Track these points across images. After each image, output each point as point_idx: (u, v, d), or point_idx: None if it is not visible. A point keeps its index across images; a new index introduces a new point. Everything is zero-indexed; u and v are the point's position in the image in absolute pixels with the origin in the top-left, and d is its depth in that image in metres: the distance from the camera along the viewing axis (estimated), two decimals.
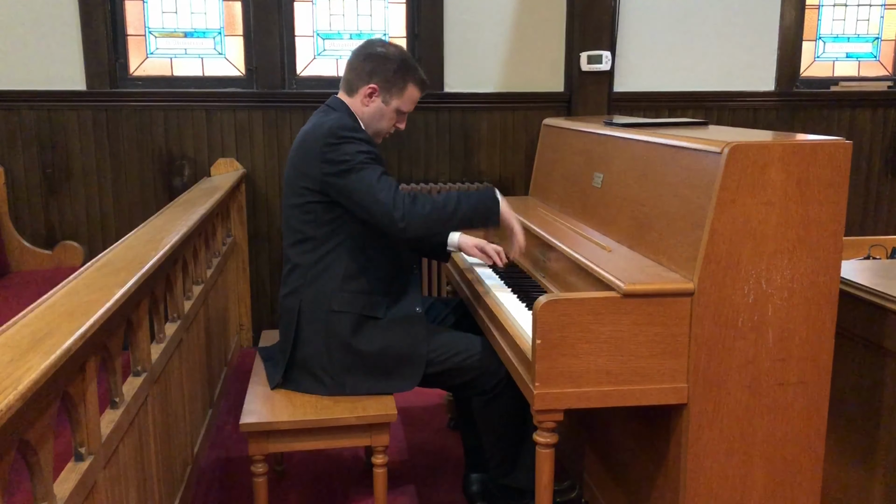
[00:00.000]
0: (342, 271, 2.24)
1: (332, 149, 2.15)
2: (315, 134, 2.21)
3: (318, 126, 2.22)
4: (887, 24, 4.56)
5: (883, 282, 1.97)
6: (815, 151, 1.71)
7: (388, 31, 4.10)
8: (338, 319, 2.23)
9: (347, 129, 2.18)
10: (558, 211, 2.65)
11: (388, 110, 2.31)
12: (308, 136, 2.24)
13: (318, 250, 2.24)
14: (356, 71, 2.30)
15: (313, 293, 2.25)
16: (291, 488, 2.69)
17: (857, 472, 2.02)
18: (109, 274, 1.81)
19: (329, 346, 2.23)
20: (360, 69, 2.29)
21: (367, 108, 2.30)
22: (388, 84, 2.28)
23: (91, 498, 1.49)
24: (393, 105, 2.31)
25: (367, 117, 2.31)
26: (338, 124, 2.19)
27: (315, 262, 2.25)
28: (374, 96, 2.29)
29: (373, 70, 2.27)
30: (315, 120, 2.29)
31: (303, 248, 2.26)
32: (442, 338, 2.27)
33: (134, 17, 3.90)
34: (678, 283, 1.73)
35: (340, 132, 2.16)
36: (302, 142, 2.25)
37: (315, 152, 2.17)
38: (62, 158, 3.83)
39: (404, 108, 2.34)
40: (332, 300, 2.24)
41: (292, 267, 2.30)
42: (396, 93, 2.30)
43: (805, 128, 4.42)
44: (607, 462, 2.30)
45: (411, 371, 2.23)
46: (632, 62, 4.21)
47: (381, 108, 2.30)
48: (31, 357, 1.24)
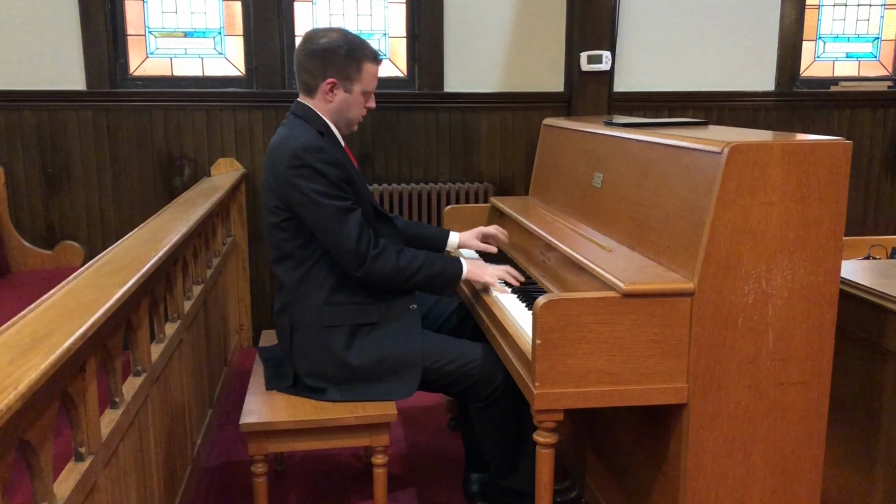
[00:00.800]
0: (328, 284, 2.21)
1: (296, 173, 2.11)
2: (280, 153, 2.15)
3: (283, 145, 2.16)
4: (887, 24, 4.56)
5: (883, 282, 1.97)
6: (815, 151, 1.71)
7: (388, 31, 4.10)
8: (330, 334, 2.20)
9: (312, 153, 2.12)
10: (558, 211, 2.64)
11: (354, 97, 2.26)
12: (275, 152, 2.18)
13: (301, 267, 2.22)
14: (308, 71, 2.24)
15: (302, 310, 2.23)
16: (291, 488, 2.69)
17: (857, 472, 2.02)
18: (109, 274, 1.81)
19: (324, 362, 2.21)
20: (311, 67, 2.23)
21: (331, 104, 2.25)
22: (343, 72, 2.22)
23: (91, 498, 1.49)
24: (356, 90, 2.25)
25: (335, 112, 2.26)
26: (303, 145, 2.12)
27: (300, 279, 2.22)
28: (335, 90, 2.23)
29: (323, 64, 2.21)
30: (282, 134, 2.22)
31: (286, 265, 2.24)
32: (438, 345, 2.25)
33: (134, 16, 3.90)
34: (678, 283, 1.73)
35: (305, 157, 2.11)
36: (270, 159, 2.21)
37: (280, 174, 2.14)
38: (62, 158, 3.83)
39: (369, 87, 2.28)
40: (321, 315, 2.21)
41: (280, 283, 2.28)
42: (355, 77, 2.24)
43: (805, 128, 4.42)
44: (607, 462, 2.30)
45: (408, 379, 2.21)
46: (632, 62, 4.21)
47: (345, 98, 2.25)
48: (31, 357, 1.24)
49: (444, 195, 4.02)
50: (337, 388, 2.21)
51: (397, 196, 3.98)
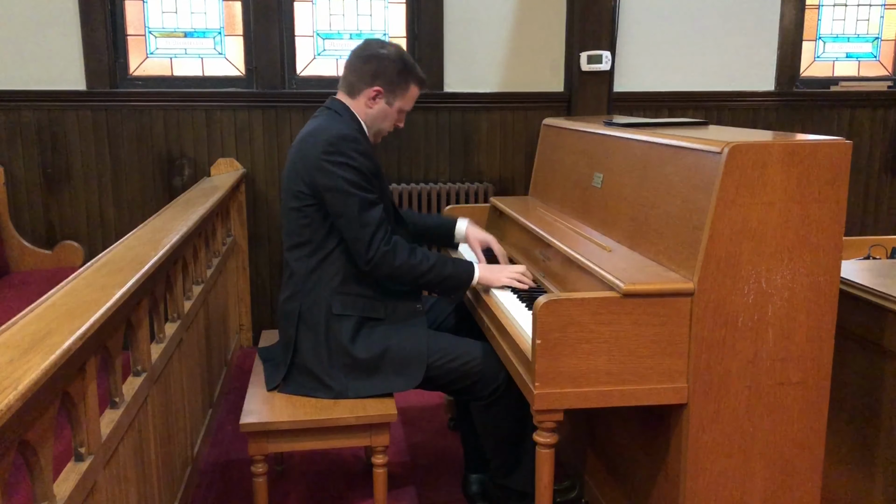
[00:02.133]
0: (341, 275, 2.24)
1: (329, 159, 2.15)
2: (315, 139, 2.19)
3: (320, 131, 2.21)
4: (887, 24, 4.56)
5: (883, 282, 1.97)
6: (815, 151, 1.71)
7: (388, 31, 4.10)
8: (338, 323, 2.23)
9: (349, 142, 2.17)
10: (558, 211, 2.64)
11: (392, 111, 2.33)
12: (308, 139, 2.22)
13: (315, 255, 2.24)
14: (358, 73, 2.29)
15: (312, 298, 2.25)
16: (291, 488, 2.69)
17: (857, 472, 2.02)
18: (109, 274, 1.81)
19: (330, 350, 2.23)
20: (363, 71, 2.28)
21: (370, 111, 2.30)
22: (391, 86, 2.29)
23: (91, 498, 1.49)
24: (396, 106, 2.32)
25: (371, 119, 2.32)
26: (339, 135, 2.18)
27: (314, 267, 2.25)
28: (377, 98, 2.29)
29: (376, 72, 2.27)
30: (317, 123, 2.27)
31: (300, 252, 2.26)
32: (441, 342, 2.27)
33: (134, 17, 3.90)
34: (678, 283, 1.73)
35: (341, 144, 2.16)
36: (302, 145, 2.24)
37: (313, 158, 2.17)
38: (62, 158, 3.83)
39: (406, 107, 2.35)
40: (331, 304, 2.23)
41: (291, 272, 2.30)
42: (400, 93, 2.31)
43: (805, 128, 4.42)
44: (607, 462, 2.30)
45: (412, 371, 2.22)
46: (632, 62, 4.21)
47: (384, 109, 2.31)
48: (31, 357, 1.24)
49: (444, 195, 4.02)
50: (342, 379, 2.22)
51: (397, 196, 3.98)
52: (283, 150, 3.96)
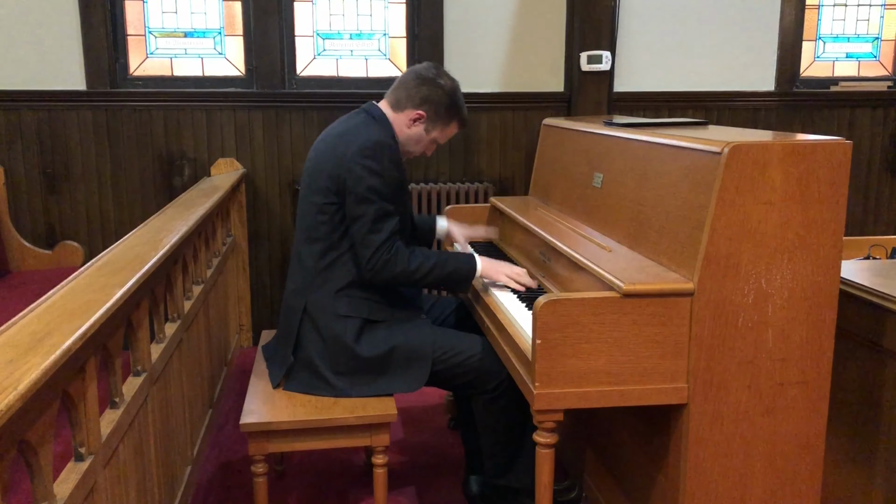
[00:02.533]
0: (349, 277, 2.25)
1: (362, 163, 2.16)
2: (352, 140, 2.20)
3: (358, 133, 2.22)
4: (887, 24, 4.56)
5: (883, 282, 1.97)
6: (815, 151, 1.71)
7: (388, 31, 4.10)
8: (342, 323, 2.23)
9: (385, 150, 2.19)
10: (558, 211, 2.64)
11: (427, 138, 2.36)
12: (345, 137, 2.23)
13: (328, 254, 2.25)
14: (409, 91, 2.31)
15: (319, 295, 2.25)
16: (291, 488, 2.69)
17: (857, 472, 2.02)
18: (109, 274, 1.81)
19: (333, 349, 2.23)
20: (414, 91, 2.30)
21: (408, 131, 2.33)
22: (435, 116, 2.32)
23: (91, 498, 1.49)
24: (432, 135, 2.36)
25: (405, 138, 2.34)
26: (378, 140, 2.19)
27: (325, 266, 2.25)
28: (418, 122, 2.32)
29: (426, 97, 2.30)
30: (354, 124, 2.28)
31: (314, 248, 2.27)
32: (444, 338, 2.27)
33: (134, 17, 3.90)
34: (678, 283, 1.73)
35: (378, 151, 2.17)
36: (336, 142, 2.25)
37: (347, 158, 2.18)
38: (62, 158, 3.83)
39: (441, 140, 2.39)
40: (337, 304, 2.24)
41: (301, 265, 2.30)
42: (440, 126, 2.35)
43: (805, 128, 4.42)
44: (607, 462, 2.30)
45: (418, 371, 2.23)
46: (632, 62, 4.21)
47: (421, 134, 2.34)
48: (31, 357, 1.24)
49: (444, 195, 4.02)
50: (346, 378, 2.22)
51: None
52: (284, 150, 3.96)
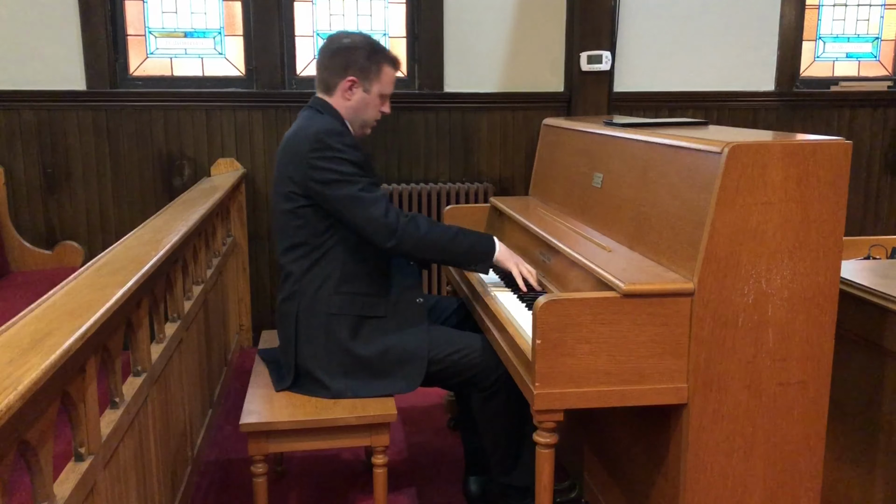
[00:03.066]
0: (337, 274, 2.24)
1: (318, 155, 2.15)
2: (301, 137, 2.20)
3: (305, 129, 2.21)
4: (887, 24, 4.56)
5: (883, 282, 1.97)
6: (815, 151, 1.71)
7: (388, 31, 4.10)
8: (337, 323, 2.23)
9: (334, 136, 2.17)
10: (558, 211, 2.64)
11: (372, 98, 2.32)
12: (294, 139, 2.23)
13: (310, 255, 2.24)
14: (329, 69, 2.29)
15: (309, 298, 2.24)
16: (291, 488, 2.69)
17: (857, 472, 2.02)
18: (109, 274, 1.81)
19: (329, 350, 2.23)
20: (333, 65, 2.29)
21: (349, 102, 2.30)
22: (364, 72, 2.28)
23: (91, 498, 1.49)
24: (374, 91, 2.31)
25: (352, 111, 2.31)
26: (325, 129, 2.18)
27: (309, 268, 2.24)
28: (354, 88, 2.29)
29: (346, 63, 2.27)
30: (300, 123, 2.27)
31: (295, 254, 2.26)
32: (441, 336, 2.27)
33: (134, 17, 3.90)
34: (678, 283, 1.73)
35: (327, 139, 2.16)
36: (288, 146, 2.24)
37: (301, 156, 2.17)
38: (62, 158, 3.83)
39: (385, 90, 2.34)
40: (329, 304, 2.23)
41: (287, 274, 2.29)
42: (374, 78, 2.30)
43: (805, 128, 4.42)
44: (607, 462, 2.30)
45: (413, 372, 2.22)
46: (632, 62, 4.21)
47: (363, 97, 2.31)
48: (31, 357, 1.24)
49: (444, 195, 4.02)
50: (342, 379, 2.22)
51: (397, 196, 3.98)
52: None
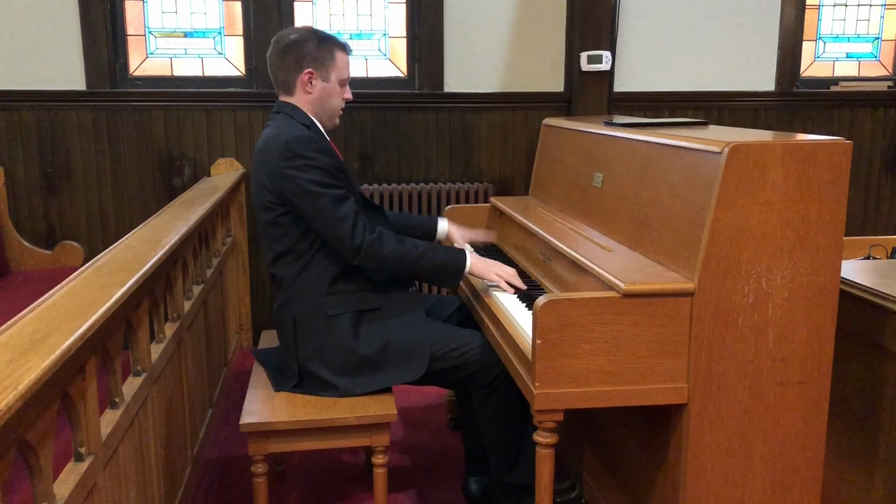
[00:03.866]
0: (328, 276, 2.23)
1: (288, 165, 2.13)
2: (271, 146, 2.18)
3: (274, 139, 2.19)
4: (887, 24, 4.56)
5: (883, 282, 1.97)
6: (815, 151, 1.71)
7: (388, 31, 4.10)
8: (335, 323, 2.23)
9: (304, 143, 2.16)
10: (558, 211, 2.64)
11: (331, 86, 2.31)
12: (264, 149, 2.21)
13: (299, 260, 2.24)
14: (284, 68, 2.28)
15: (304, 303, 2.24)
16: (291, 488, 2.69)
17: (857, 472, 2.02)
18: (109, 274, 1.81)
19: (331, 351, 2.23)
20: (287, 63, 2.27)
21: (311, 96, 2.29)
22: (318, 62, 2.27)
23: (91, 498, 1.49)
24: (333, 78, 2.30)
25: (317, 103, 2.30)
26: (294, 137, 2.16)
27: (299, 273, 2.24)
28: (313, 80, 2.27)
29: (298, 57, 2.26)
30: (270, 131, 2.25)
31: (284, 261, 2.25)
32: (440, 333, 2.28)
33: (134, 17, 3.90)
34: (678, 283, 1.73)
35: (297, 147, 2.14)
36: (259, 156, 2.23)
37: (273, 166, 2.16)
38: (62, 158, 3.83)
39: (344, 75, 2.33)
40: (323, 306, 2.23)
41: (279, 281, 2.29)
42: (330, 65, 2.29)
43: (805, 128, 4.42)
44: (607, 462, 2.30)
45: (416, 360, 2.23)
46: (632, 62, 4.21)
47: (324, 87, 2.29)
48: (31, 357, 1.24)
49: (444, 195, 4.02)
50: (347, 378, 2.22)
51: (397, 196, 3.98)
52: None
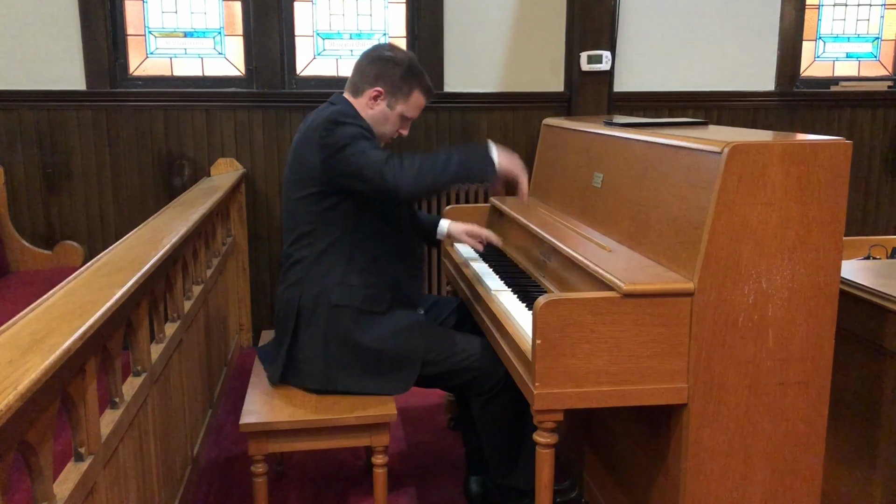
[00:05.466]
0: (343, 265, 2.24)
1: (329, 133, 2.16)
2: (317, 124, 2.22)
3: (319, 118, 2.24)
4: (887, 24, 4.56)
5: (883, 282, 1.97)
6: (815, 151, 1.71)
7: (388, 31, 4.10)
8: (338, 314, 2.22)
9: (347, 116, 2.20)
10: (558, 211, 2.64)
11: (393, 115, 2.31)
12: (310, 128, 2.25)
13: (318, 244, 2.24)
14: (362, 73, 2.30)
15: (314, 287, 2.24)
16: (291, 488, 2.69)
17: (857, 472, 2.02)
18: (109, 274, 1.81)
19: (327, 340, 2.22)
20: (367, 72, 2.29)
21: (371, 111, 2.30)
22: (393, 89, 2.29)
23: (91, 498, 1.49)
24: (398, 110, 2.31)
25: (371, 120, 2.30)
26: (337, 111, 2.22)
27: (317, 256, 2.25)
28: (379, 100, 2.29)
29: (379, 73, 2.28)
30: (318, 113, 2.29)
31: (303, 242, 2.26)
32: (440, 338, 2.27)
33: (134, 16, 3.90)
34: (678, 283, 1.73)
35: (338, 118, 2.18)
36: (302, 134, 2.27)
37: (314, 140, 2.19)
38: (62, 158, 3.83)
39: (409, 114, 2.34)
40: (331, 294, 2.23)
41: (293, 262, 2.29)
42: (402, 98, 2.30)
43: (805, 128, 4.42)
44: (607, 462, 2.30)
45: (405, 375, 2.22)
46: (632, 62, 4.21)
47: (385, 111, 2.30)
48: (31, 357, 1.24)
49: (445, 195, 4.02)
50: (336, 371, 2.21)
51: None
52: (283, 150, 3.96)
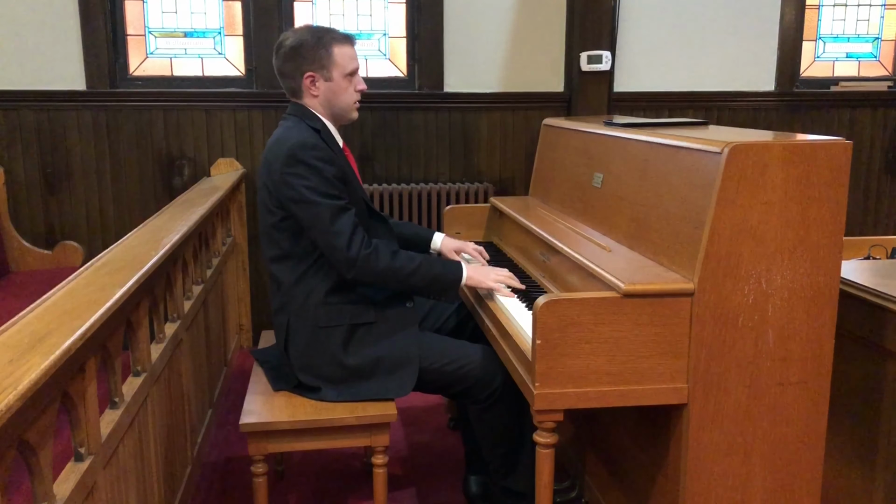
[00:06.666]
0: (325, 284, 2.21)
1: (290, 171, 2.12)
2: (276, 152, 2.17)
3: (279, 144, 2.18)
4: (887, 24, 4.56)
5: (883, 282, 1.97)
6: (815, 151, 1.71)
7: (387, 30, 4.10)
8: (326, 334, 2.20)
9: (307, 150, 2.13)
10: (558, 211, 2.64)
11: (337, 83, 2.26)
12: (271, 153, 2.20)
13: (298, 267, 2.22)
14: (286, 74, 2.26)
15: (299, 310, 2.22)
16: (291, 488, 2.69)
17: (857, 472, 2.02)
18: (109, 274, 1.81)
19: (320, 361, 2.21)
20: (287, 71, 2.25)
21: (318, 98, 2.26)
22: (316, 63, 2.23)
23: (91, 498, 1.49)
24: (336, 76, 2.25)
25: (325, 104, 2.27)
26: (298, 143, 2.14)
27: (297, 280, 2.22)
28: (316, 82, 2.24)
29: (295, 63, 2.23)
30: (277, 134, 2.24)
31: (283, 265, 2.24)
32: (436, 345, 2.25)
33: (134, 17, 3.90)
34: (678, 283, 1.73)
35: (299, 154, 2.12)
36: (266, 160, 2.23)
37: (275, 171, 2.15)
38: (62, 158, 3.83)
39: (348, 69, 2.27)
40: (318, 315, 2.21)
41: (276, 285, 2.27)
42: (329, 63, 2.24)
43: (805, 128, 4.42)
44: (607, 462, 2.30)
45: (405, 376, 2.21)
46: (632, 62, 4.21)
47: (328, 86, 2.25)
48: (31, 357, 1.24)
49: (444, 195, 4.02)
50: (334, 388, 2.21)
51: (397, 196, 3.98)
52: None
